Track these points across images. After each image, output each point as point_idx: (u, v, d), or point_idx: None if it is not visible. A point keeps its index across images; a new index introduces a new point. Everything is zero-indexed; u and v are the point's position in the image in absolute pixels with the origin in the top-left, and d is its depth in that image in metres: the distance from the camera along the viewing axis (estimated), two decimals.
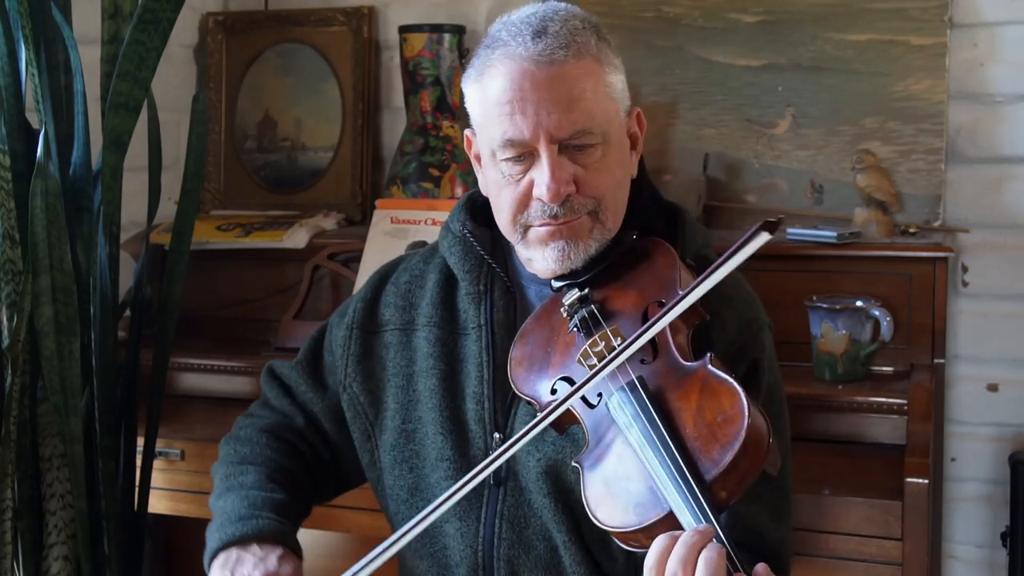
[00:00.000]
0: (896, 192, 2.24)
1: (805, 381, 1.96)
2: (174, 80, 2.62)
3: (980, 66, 2.26)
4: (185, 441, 2.07)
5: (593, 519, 1.18)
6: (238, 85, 2.71)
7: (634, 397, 1.20)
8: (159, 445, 2.04)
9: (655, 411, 1.18)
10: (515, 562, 1.37)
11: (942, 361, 2.05)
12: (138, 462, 2.01)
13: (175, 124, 2.55)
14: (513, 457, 1.36)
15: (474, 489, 1.36)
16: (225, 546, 1.37)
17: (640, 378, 1.22)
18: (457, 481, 1.35)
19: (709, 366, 1.20)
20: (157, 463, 2.04)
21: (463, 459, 1.39)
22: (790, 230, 2.17)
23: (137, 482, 2.01)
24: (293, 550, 1.38)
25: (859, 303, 1.96)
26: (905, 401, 1.86)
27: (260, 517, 1.39)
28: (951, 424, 2.30)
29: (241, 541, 1.37)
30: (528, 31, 1.32)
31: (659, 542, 1.10)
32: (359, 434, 1.50)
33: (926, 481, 1.68)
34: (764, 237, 1.14)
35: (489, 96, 1.34)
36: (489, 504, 1.38)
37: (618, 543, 1.18)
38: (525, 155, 1.33)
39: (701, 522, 1.09)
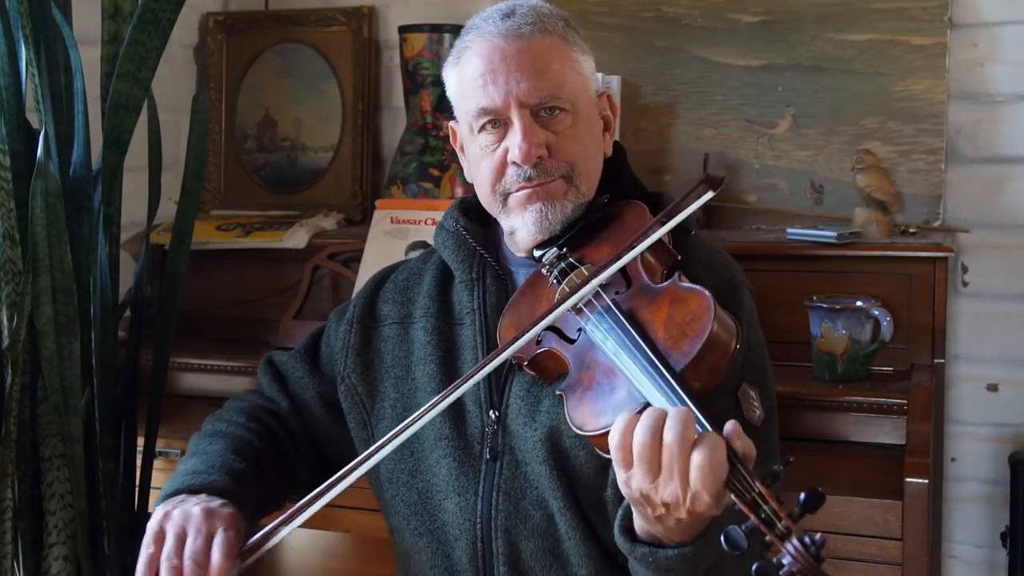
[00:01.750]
0: (896, 192, 2.24)
1: (805, 381, 1.96)
2: (174, 80, 2.62)
3: (980, 66, 2.26)
4: (185, 441, 2.04)
5: (575, 429, 1.24)
6: (238, 85, 2.71)
7: (609, 316, 1.28)
8: (159, 445, 2.04)
9: (628, 322, 1.25)
10: (512, 532, 1.40)
11: (942, 361, 2.05)
12: (138, 462, 2.01)
13: (175, 124, 2.55)
14: (509, 432, 1.42)
15: (471, 465, 1.43)
16: (174, 493, 1.41)
17: (614, 301, 1.30)
18: (454, 458, 1.43)
19: (678, 281, 1.28)
20: (157, 463, 2.04)
21: (461, 438, 1.44)
22: (790, 230, 2.17)
23: (137, 482, 2.01)
24: (239, 508, 1.40)
25: (859, 303, 1.96)
26: (905, 401, 1.86)
27: (214, 475, 1.44)
28: (951, 424, 2.30)
29: (190, 490, 1.41)
30: (498, 14, 1.44)
31: (621, 418, 1.15)
32: (355, 423, 1.55)
33: (926, 481, 1.68)
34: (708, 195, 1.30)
35: (465, 74, 1.44)
36: (486, 478, 1.42)
37: (599, 452, 1.23)
38: (499, 123, 1.42)
39: (674, 402, 1.15)
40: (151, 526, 1.35)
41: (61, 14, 1.86)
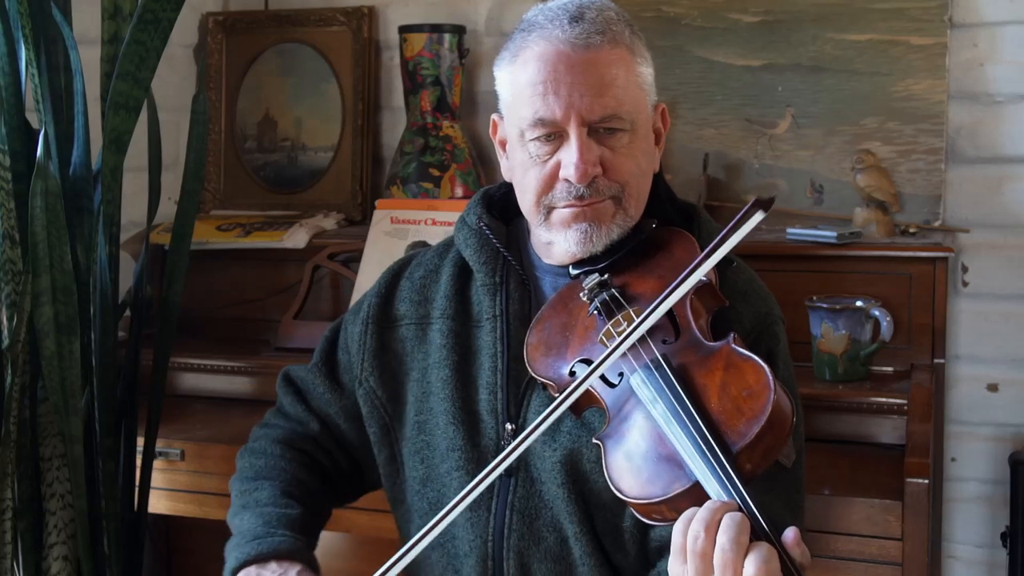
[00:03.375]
0: (896, 192, 2.24)
1: (805, 381, 1.95)
2: (174, 80, 2.62)
3: (980, 66, 2.26)
4: (185, 441, 2.07)
5: (616, 492, 1.18)
6: (238, 85, 2.71)
7: (659, 374, 1.20)
8: (159, 445, 2.04)
9: (680, 386, 1.18)
10: (524, 553, 1.37)
11: (942, 361, 2.05)
12: (138, 462, 2.01)
13: (175, 124, 2.55)
14: (527, 448, 1.36)
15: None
16: (243, 565, 1.39)
17: (664, 355, 1.23)
18: (467, 471, 1.39)
19: (733, 345, 1.21)
20: (157, 463, 2.04)
21: (474, 449, 1.40)
22: (790, 230, 2.17)
23: (137, 482, 2.01)
24: (309, 564, 1.40)
25: (859, 303, 1.96)
26: (905, 401, 1.86)
27: (275, 535, 1.41)
28: (951, 424, 2.30)
29: (258, 560, 1.39)
30: (565, 16, 1.35)
31: (686, 513, 1.10)
32: (377, 428, 1.51)
33: (926, 481, 1.68)
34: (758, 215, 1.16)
35: (523, 77, 1.35)
36: (500, 495, 1.39)
37: (639, 517, 1.18)
38: (554, 135, 1.35)
39: (728, 490, 1.09)
40: None
41: (61, 14, 1.86)
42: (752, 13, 2.37)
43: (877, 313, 1.96)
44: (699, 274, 1.21)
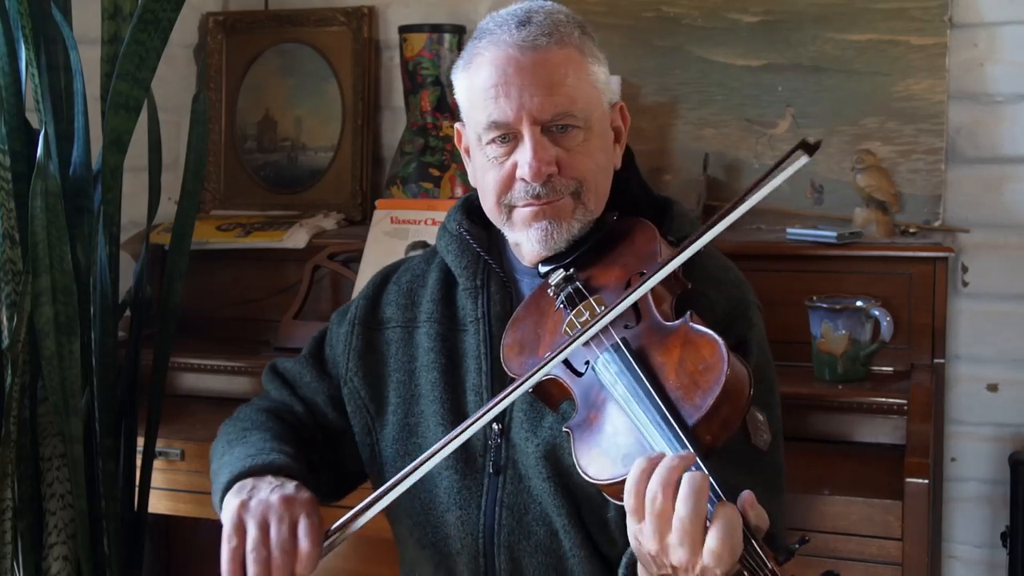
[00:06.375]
0: (896, 192, 2.24)
1: (805, 381, 1.96)
2: (174, 80, 2.62)
3: (980, 66, 2.26)
4: (185, 441, 2.07)
5: (584, 476, 1.20)
6: (238, 85, 2.71)
7: (618, 356, 1.24)
8: (159, 445, 2.04)
9: (638, 366, 1.21)
10: (515, 548, 1.39)
11: (942, 361, 2.05)
12: (138, 462, 2.01)
13: (175, 124, 2.55)
14: (512, 445, 1.39)
15: (474, 478, 1.40)
16: (237, 478, 1.36)
17: (624, 339, 1.25)
18: (456, 470, 1.41)
19: (690, 323, 1.23)
20: (157, 463, 2.04)
21: (463, 450, 1.41)
22: (790, 230, 2.17)
23: (137, 482, 2.01)
24: (306, 484, 1.38)
25: (859, 303, 1.96)
26: (905, 401, 1.86)
27: (272, 454, 1.40)
28: (951, 424, 2.30)
29: (253, 472, 1.37)
30: (513, 21, 1.38)
31: (638, 464, 1.11)
32: (360, 428, 1.53)
33: (926, 481, 1.68)
34: (802, 159, 1.18)
35: (476, 83, 1.39)
36: (489, 492, 1.41)
37: (610, 499, 1.20)
38: (509, 137, 1.38)
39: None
40: (229, 518, 1.31)
41: (61, 14, 1.86)
42: (752, 13, 2.37)
43: (877, 313, 1.96)
44: (713, 233, 1.23)
